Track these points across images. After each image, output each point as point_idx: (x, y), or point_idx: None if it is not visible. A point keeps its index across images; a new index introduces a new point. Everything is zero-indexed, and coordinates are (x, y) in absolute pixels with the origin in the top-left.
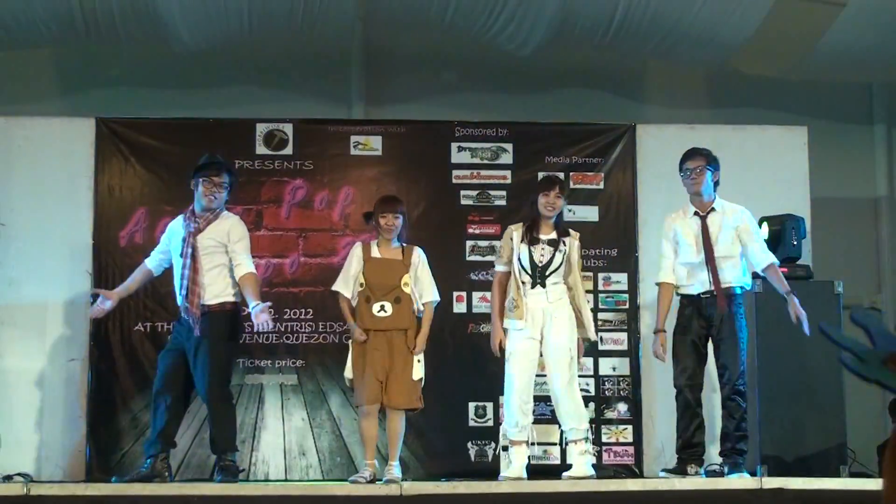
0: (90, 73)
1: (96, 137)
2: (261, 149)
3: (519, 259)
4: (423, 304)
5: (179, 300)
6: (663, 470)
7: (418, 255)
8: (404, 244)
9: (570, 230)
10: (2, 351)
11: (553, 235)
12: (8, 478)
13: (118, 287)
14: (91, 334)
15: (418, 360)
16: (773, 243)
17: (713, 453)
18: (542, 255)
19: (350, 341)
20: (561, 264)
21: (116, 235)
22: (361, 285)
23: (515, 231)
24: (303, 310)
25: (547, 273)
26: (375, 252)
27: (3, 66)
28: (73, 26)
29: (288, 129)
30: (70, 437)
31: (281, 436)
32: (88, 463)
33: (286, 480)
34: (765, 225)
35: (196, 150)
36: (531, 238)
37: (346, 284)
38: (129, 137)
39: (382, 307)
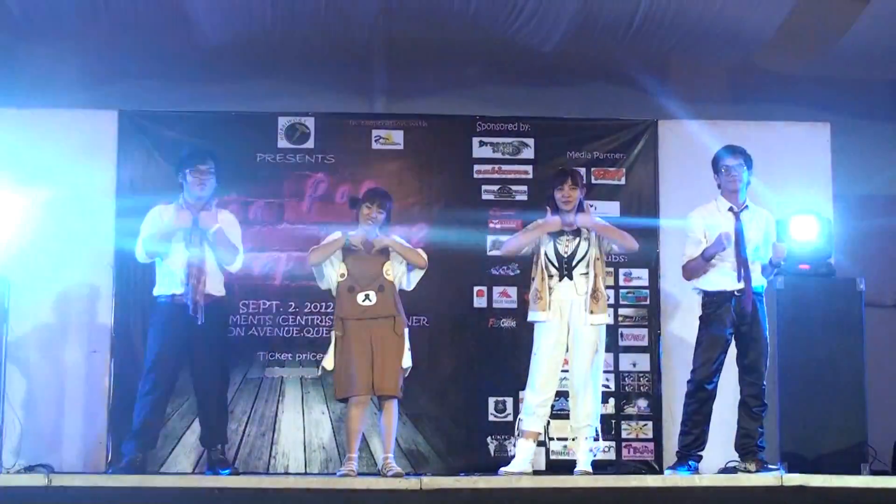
0: (113, 66)
1: (119, 130)
2: (282, 142)
3: (545, 253)
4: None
5: (179, 288)
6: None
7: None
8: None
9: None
10: (24, 342)
11: (575, 225)
12: (30, 468)
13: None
14: (113, 326)
15: (407, 349)
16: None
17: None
18: (567, 247)
19: (332, 333)
20: (587, 252)
21: (138, 228)
22: (343, 276)
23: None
24: (323, 303)
25: (574, 264)
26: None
27: (26, 59)
28: (97, 18)
29: (310, 122)
30: (91, 428)
31: (301, 429)
32: (109, 454)
33: (306, 474)
34: (799, 225)
35: (218, 143)
36: (556, 231)
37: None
38: (152, 130)
39: (367, 296)
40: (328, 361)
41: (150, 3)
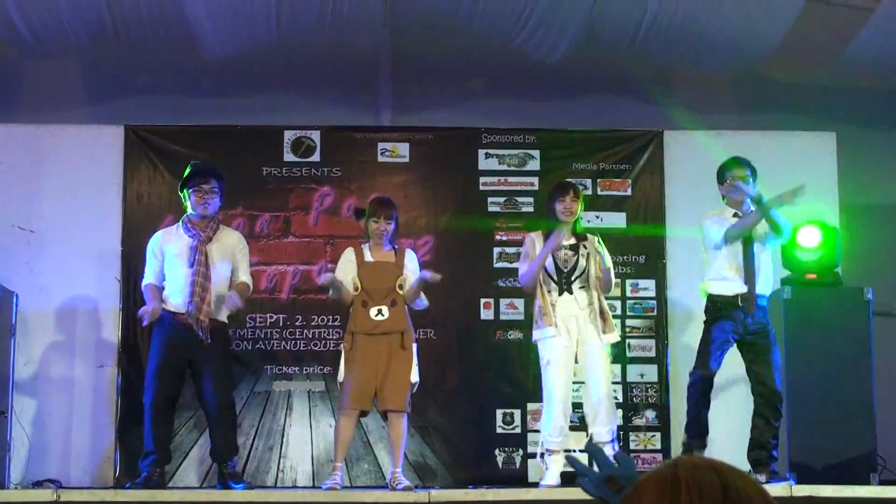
0: (119, 81)
1: (125, 145)
2: (288, 156)
3: (545, 268)
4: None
5: (182, 307)
6: None
7: (411, 258)
8: (395, 247)
9: (588, 234)
10: (32, 357)
11: (573, 241)
12: (38, 484)
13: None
14: (120, 341)
15: (415, 364)
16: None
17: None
18: (567, 262)
19: (342, 346)
20: (585, 268)
21: (145, 242)
22: (357, 289)
23: (537, 238)
24: (330, 317)
25: (572, 278)
26: (368, 256)
27: (32, 75)
28: (103, 34)
29: (315, 136)
30: (99, 443)
31: (308, 442)
32: (117, 469)
33: (314, 487)
34: (805, 234)
35: (224, 156)
36: (556, 246)
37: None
38: (158, 145)
39: (380, 311)
40: (341, 374)
41: (156, 19)
